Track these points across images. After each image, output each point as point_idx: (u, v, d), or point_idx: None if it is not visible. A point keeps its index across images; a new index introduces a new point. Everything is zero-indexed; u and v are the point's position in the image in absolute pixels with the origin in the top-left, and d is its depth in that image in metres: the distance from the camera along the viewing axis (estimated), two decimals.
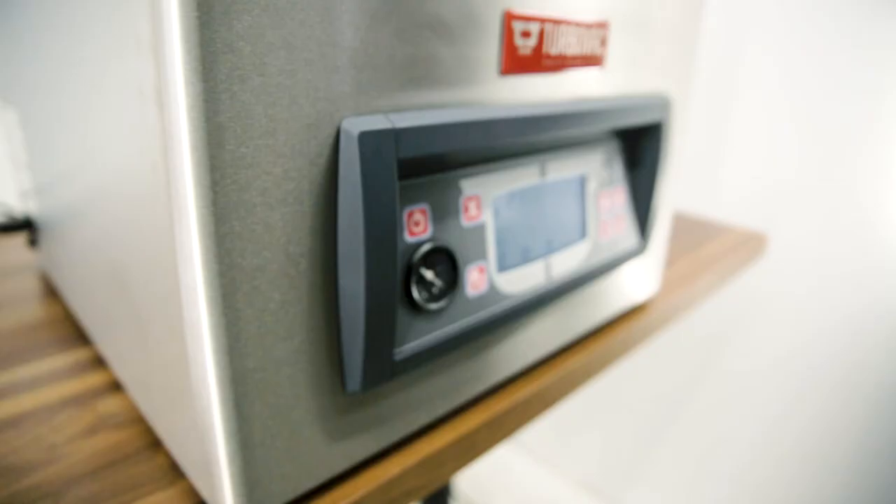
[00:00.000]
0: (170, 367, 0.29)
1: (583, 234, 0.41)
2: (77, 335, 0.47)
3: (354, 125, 0.25)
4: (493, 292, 0.34)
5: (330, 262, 0.27)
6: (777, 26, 0.84)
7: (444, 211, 0.31)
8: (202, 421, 0.26)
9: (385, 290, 0.27)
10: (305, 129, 0.24)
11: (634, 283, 0.51)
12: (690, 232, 0.76)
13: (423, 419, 0.35)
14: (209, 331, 0.24)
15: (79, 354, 0.44)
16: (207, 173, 0.22)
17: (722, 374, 1.01)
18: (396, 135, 0.25)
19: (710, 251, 0.69)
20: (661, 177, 0.45)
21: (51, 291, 0.54)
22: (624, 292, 0.50)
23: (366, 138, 0.24)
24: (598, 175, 0.42)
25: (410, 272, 0.30)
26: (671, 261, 0.65)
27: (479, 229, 0.33)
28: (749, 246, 0.73)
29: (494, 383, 0.40)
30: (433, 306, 0.31)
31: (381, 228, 0.26)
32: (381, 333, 0.28)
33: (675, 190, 0.51)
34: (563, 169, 0.39)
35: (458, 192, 0.32)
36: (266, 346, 0.25)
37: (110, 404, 0.39)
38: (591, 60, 0.37)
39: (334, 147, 0.25)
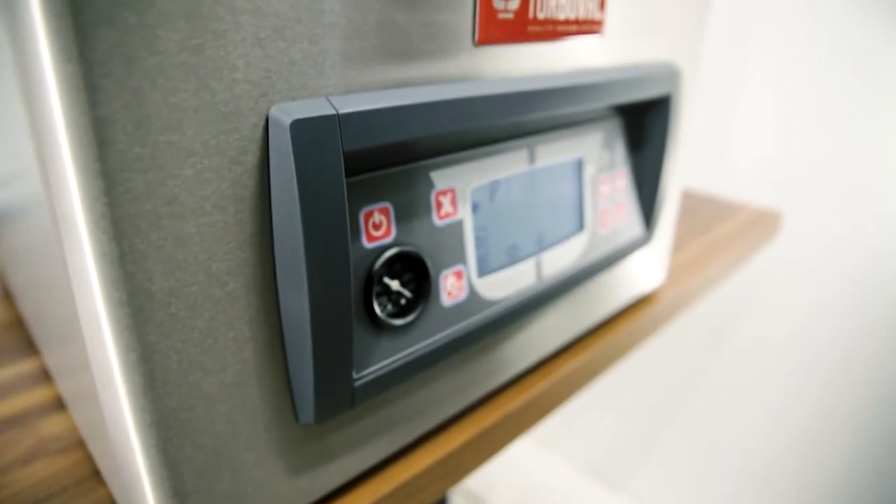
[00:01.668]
0: (90, 402, 0.24)
1: (579, 226, 0.36)
2: (28, 342, 0.43)
3: (286, 112, 0.20)
4: (473, 300, 0.30)
5: (268, 278, 0.22)
6: None
7: (411, 209, 0.26)
8: (126, 467, 0.23)
9: (336, 308, 0.23)
10: (222, 120, 0.19)
11: (638, 273, 0.46)
12: (699, 211, 0.71)
13: (399, 442, 0.31)
14: (118, 369, 0.20)
15: (28, 365, 0.41)
16: (93, 180, 0.17)
17: (729, 358, 0.97)
18: (341, 122, 0.21)
19: (721, 233, 0.64)
20: (668, 157, 0.40)
21: (6, 292, 0.50)
22: (627, 284, 0.45)
23: (301, 128, 0.20)
24: (597, 158, 0.37)
25: (371, 283, 0.25)
26: (678, 245, 0.60)
27: (455, 228, 0.28)
28: (762, 226, 0.68)
29: (482, 395, 0.36)
30: (398, 322, 0.26)
31: (326, 235, 0.21)
32: (334, 358, 0.24)
33: (683, 170, 0.46)
34: (555, 153, 0.34)
35: (429, 185, 0.27)
36: (192, 383, 0.21)
37: (54, 425, 0.35)
38: (587, 27, 0.32)
39: (263, 140, 0.20)
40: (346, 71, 0.22)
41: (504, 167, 0.31)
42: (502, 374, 0.36)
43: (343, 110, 0.21)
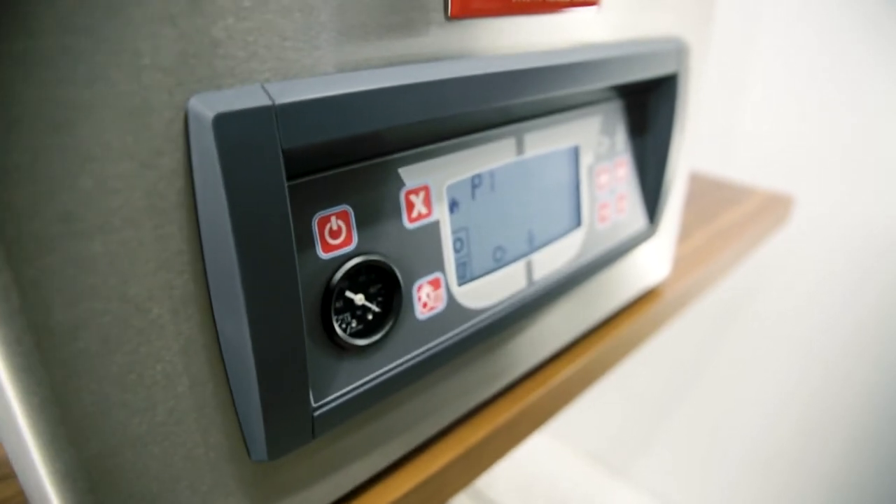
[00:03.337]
0: None
1: (575, 222, 0.33)
2: None
3: (209, 104, 0.16)
4: (453, 310, 0.26)
5: (202, 301, 0.19)
6: None
7: (375, 211, 0.23)
8: None
9: (283, 331, 0.20)
10: (127, 117, 0.16)
11: (641, 267, 0.43)
12: (705, 196, 0.67)
13: (374, 468, 0.28)
14: (20, 415, 0.17)
15: None
16: None
17: (733, 346, 0.94)
18: (279, 115, 0.17)
19: (729, 219, 0.61)
20: (674, 142, 0.36)
21: None
22: (628, 280, 0.42)
23: (227, 123, 0.16)
24: (595, 145, 0.33)
25: (330, 299, 0.22)
26: (685, 233, 0.56)
27: (430, 231, 0.25)
28: (773, 211, 0.64)
29: (468, 409, 0.33)
30: (363, 341, 0.23)
31: (265, 249, 0.18)
32: (286, 387, 0.20)
33: (690, 155, 0.42)
34: (547, 141, 0.30)
35: (397, 183, 0.23)
36: (114, 425, 0.18)
37: None
38: None
39: (183, 138, 0.17)
40: (286, 52, 0.18)
41: (487, 159, 0.27)
42: (491, 386, 0.33)
43: (281, 100, 0.17)
